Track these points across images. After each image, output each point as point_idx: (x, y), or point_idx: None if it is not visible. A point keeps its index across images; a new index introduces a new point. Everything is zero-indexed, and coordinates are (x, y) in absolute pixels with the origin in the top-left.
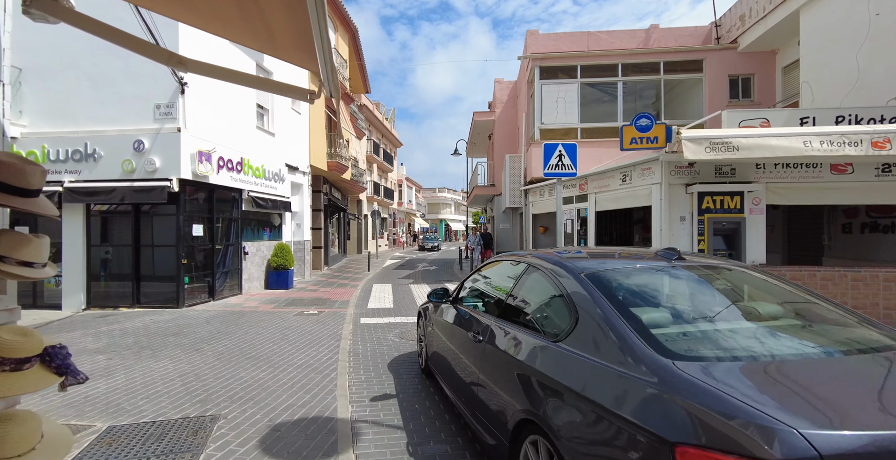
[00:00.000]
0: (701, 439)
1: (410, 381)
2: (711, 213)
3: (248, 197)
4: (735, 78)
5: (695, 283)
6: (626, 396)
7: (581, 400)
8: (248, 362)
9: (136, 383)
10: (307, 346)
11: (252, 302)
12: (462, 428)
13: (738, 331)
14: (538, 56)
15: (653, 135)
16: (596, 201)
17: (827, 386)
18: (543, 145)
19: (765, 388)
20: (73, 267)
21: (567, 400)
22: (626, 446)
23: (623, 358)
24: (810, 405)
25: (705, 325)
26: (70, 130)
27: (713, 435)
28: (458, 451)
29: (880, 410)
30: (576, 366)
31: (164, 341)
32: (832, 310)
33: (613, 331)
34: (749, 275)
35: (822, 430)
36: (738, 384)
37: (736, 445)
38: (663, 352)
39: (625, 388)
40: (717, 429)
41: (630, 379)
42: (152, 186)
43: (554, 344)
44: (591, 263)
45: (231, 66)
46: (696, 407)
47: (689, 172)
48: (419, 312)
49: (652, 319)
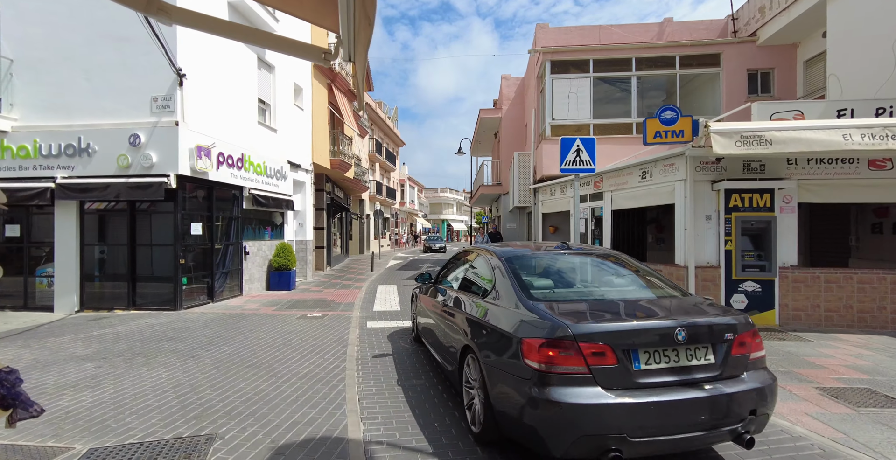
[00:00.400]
0: (530, 334)
1: (426, 394)
2: (739, 212)
3: (249, 194)
4: (754, 72)
5: (568, 262)
6: (509, 321)
7: (490, 327)
8: (249, 371)
9: (126, 395)
10: (312, 353)
11: (253, 304)
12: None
13: (576, 287)
14: (549, 50)
15: (678, 128)
16: (612, 199)
17: (598, 310)
18: (560, 140)
19: (566, 311)
20: (66, 267)
21: (484, 329)
22: (505, 346)
23: (512, 302)
24: (581, 316)
25: (561, 285)
26: (63, 124)
27: (534, 332)
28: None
29: (615, 318)
30: (490, 310)
31: (158, 347)
32: (649, 279)
33: (511, 288)
34: (604, 257)
35: (578, 324)
36: (556, 310)
37: (541, 334)
38: (531, 298)
39: (509, 317)
40: (537, 328)
41: (513, 312)
42: (149, 182)
43: (482, 299)
44: (509, 251)
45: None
46: (533, 320)
47: (716, 168)
48: (412, 295)
49: (532, 281)
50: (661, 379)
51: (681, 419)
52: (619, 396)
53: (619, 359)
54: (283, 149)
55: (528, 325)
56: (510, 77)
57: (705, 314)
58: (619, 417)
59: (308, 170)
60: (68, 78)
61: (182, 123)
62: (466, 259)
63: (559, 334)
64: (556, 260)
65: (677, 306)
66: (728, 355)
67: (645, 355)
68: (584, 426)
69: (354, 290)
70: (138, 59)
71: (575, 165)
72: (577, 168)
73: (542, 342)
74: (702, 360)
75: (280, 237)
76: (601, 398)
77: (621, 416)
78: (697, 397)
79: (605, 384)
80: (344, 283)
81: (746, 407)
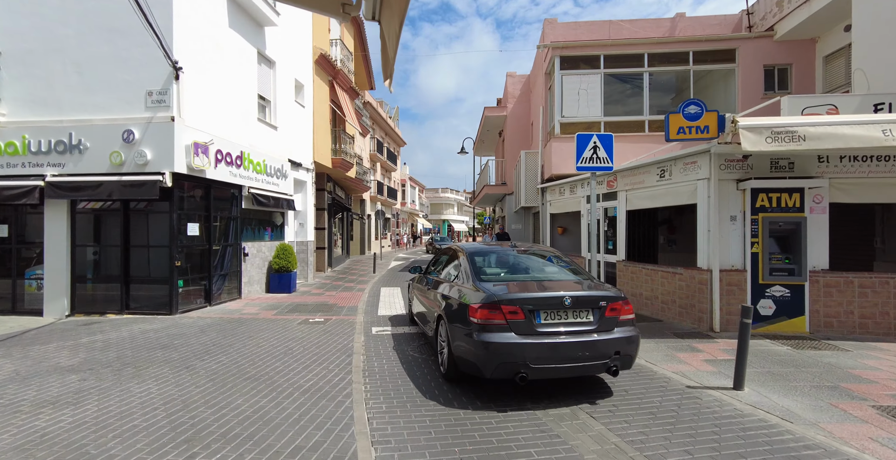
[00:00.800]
0: (474, 301)
1: (440, 413)
2: (766, 212)
3: (249, 194)
4: (771, 68)
5: (513, 257)
6: (464, 294)
7: (454, 300)
8: (247, 384)
9: (110, 414)
10: (315, 363)
11: (252, 307)
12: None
13: (513, 273)
14: (558, 45)
15: (703, 123)
16: (627, 199)
17: (520, 286)
18: (576, 136)
19: (500, 287)
20: (56, 269)
21: (450, 301)
22: (461, 311)
23: (469, 283)
24: (506, 290)
25: (505, 271)
26: (53, 119)
27: (477, 300)
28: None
29: (528, 291)
30: (455, 288)
31: (150, 356)
32: (566, 268)
33: (470, 273)
34: (542, 255)
35: (502, 294)
36: (494, 286)
37: (480, 300)
38: (480, 279)
39: (465, 292)
40: (479, 297)
41: (467, 289)
42: (143, 181)
43: (451, 282)
44: (473, 248)
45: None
46: (478, 293)
47: (742, 166)
48: (407, 285)
49: (483, 269)
50: (554, 329)
51: (566, 354)
52: (525, 339)
53: (527, 317)
54: (283, 147)
55: (474, 296)
56: (515, 74)
57: (589, 289)
58: (524, 351)
59: (309, 169)
60: (59, 71)
61: (178, 119)
62: (446, 254)
63: (490, 300)
64: (506, 254)
65: (573, 284)
66: (602, 316)
67: (544, 314)
68: (503, 357)
69: (357, 293)
70: (132, 52)
71: (591, 163)
72: (593, 166)
73: (480, 305)
74: (583, 319)
75: (280, 238)
76: (513, 340)
77: (525, 351)
78: (578, 341)
79: (517, 332)
80: (346, 285)
81: (612, 349)
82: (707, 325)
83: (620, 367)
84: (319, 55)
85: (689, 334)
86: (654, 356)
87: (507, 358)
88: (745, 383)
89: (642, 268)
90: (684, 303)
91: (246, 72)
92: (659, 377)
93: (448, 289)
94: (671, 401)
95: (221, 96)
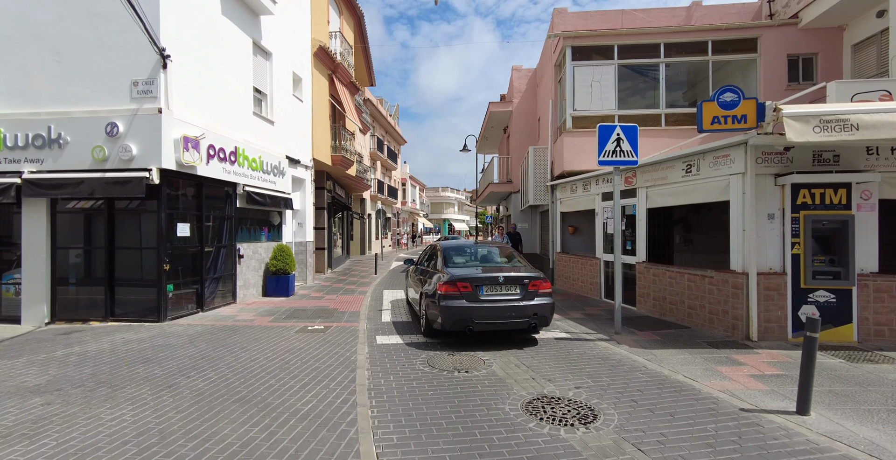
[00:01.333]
0: (441, 281)
1: (463, 444)
2: (809, 210)
3: (244, 192)
4: (795, 58)
5: (476, 250)
6: (436, 277)
7: (430, 281)
8: (236, 408)
9: (71, 449)
10: (314, 380)
11: (247, 313)
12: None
13: (473, 261)
14: (570, 34)
15: (740, 112)
16: (648, 197)
17: (472, 270)
18: (598, 127)
19: (459, 270)
20: (35, 273)
21: (427, 283)
22: (433, 288)
23: (441, 268)
24: (462, 272)
25: (470, 260)
26: (31, 111)
27: (443, 279)
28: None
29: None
30: (431, 273)
31: (130, 372)
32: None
33: (442, 262)
34: (493, 249)
35: (458, 275)
36: (455, 270)
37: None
38: (448, 266)
39: (436, 275)
40: (444, 277)
41: (438, 272)
42: (128, 177)
43: (428, 267)
44: (448, 244)
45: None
46: (444, 275)
47: (781, 160)
48: (405, 275)
49: (452, 258)
50: (492, 298)
51: (499, 314)
52: (472, 304)
53: (474, 290)
54: (281, 143)
55: (441, 276)
56: (521, 68)
57: (517, 272)
58: (470, 312)
59: (308, 167)
60: (36, 60)
61: (166, 111)
62: (429, 249)
63: (450, 279)
64: (472, 248)
65: (509, 268)
66: (526, 290)
67: (485, 288)
68: (456, 315)
69: (359, 296)
70: (116, 38)
71: (615, 157)
72: (617, 159)
73: (443, 282)
74: (512, 291)
75: (278, 238)
76: (464, 305)
77: (471, 312)
78: (508, 305)
79: (467, 300)
80: (347, 288)
81: (532, 311)
82: (742, 333)
83: (538, 325)
84: (318, 47)
85: (723, 343)
86: (692, 370)
87: (459, 316)
88: (810, 407)
89: (666, 271)
90: (715, 308)
91: (240, 63)
92: (705, 397)
93: (427, 275)
94: (728, 429)
95: (214, 88)
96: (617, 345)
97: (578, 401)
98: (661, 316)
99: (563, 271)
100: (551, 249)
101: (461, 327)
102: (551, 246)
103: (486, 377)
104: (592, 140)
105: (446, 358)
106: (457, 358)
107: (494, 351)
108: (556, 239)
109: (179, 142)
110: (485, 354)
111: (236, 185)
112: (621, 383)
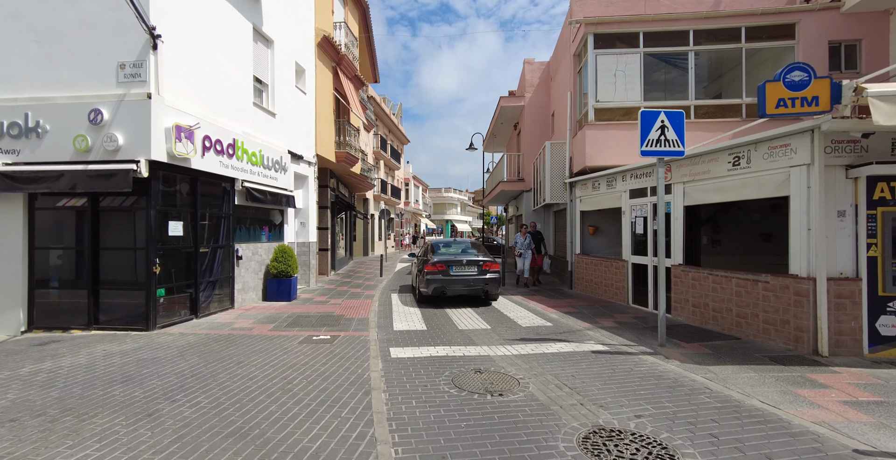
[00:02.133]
0: (428, 263)
1: None
2: (888, 206)
3: (243, 188)
4: (836, 44)
5: (456, 244)
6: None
7: (422, 266)
8: (229, 445)
9: None
10: (322, 405)
11: (246, 320)
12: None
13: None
14: (592, 20)
15: (811, 93)
16: (685, 193)
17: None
18: (641, 113)
19: (441, 256)
20: (10, 276)
21: (421, 267)
22: (423, 270)
23: (431, 256)
24: (441, 257)
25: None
26: (7, 97)
27: (429, 263)
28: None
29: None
30: (423, 260)
31: (105, 395)
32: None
33: (432, 252)
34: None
35: (439, 259)
36: (439, 256)
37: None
38: (437, 255)
39: (428, 258)
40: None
41: (429, 259)
42: (113, 170)
43: (424, 257)
44: (436, 240)
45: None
46: (431, 260)
47: (854, 149)
48: (411, 267)
49: (439, 249)
50: (458, 274)
51: (463, 284)
52: (445, 277)
53: (447, 268)
54: (283, 137)
55: (428, 261)
56: (534, 61)
57: (476, 257)
58: (443, 283)
59: (311, 163)
60: (13, 40)
61: (156, 96)
62: (425, 245)
63: (433, 261)
64: (455, 242)
65: (472, 255)
66: (481, 268)
67: (454, 268)
68: (435, 284)
69: (366, 300)
70: (101, 16)
71: (658, 147)
72: (661, 149)
73: (429, 264)
74: (472, 270)
75: (279, 238)
76: (440, 278)
77: (444, 282)
78: (468, 279)
79: (442, 275)
80: (352, 291)
81: (484, 283)
82: (809, 347)
83: (489, 292)
84: (322, 38)
85: (788, 358)
86: (767, 393)
87: (437, 284)
88: None
89: (708, 274)
90: (771, 317)
91: (240, 48)
92: (800, 431)
93: (424, 261)
94: None
95: (210, 74)
96: (666, 361)
97: (645, 436)
98: (703, 325)
99: (584, 274)
100: (569, 250)
101: (438, 293)
102: (569, 246)
103: (525, 402)
104: (617, 133)
105: (473, 377)
106: (485, 377)
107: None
108: (575, 239)
109: (171, 132)
110: (512, 369)
111: (234, 181)
112: (688, 410)
